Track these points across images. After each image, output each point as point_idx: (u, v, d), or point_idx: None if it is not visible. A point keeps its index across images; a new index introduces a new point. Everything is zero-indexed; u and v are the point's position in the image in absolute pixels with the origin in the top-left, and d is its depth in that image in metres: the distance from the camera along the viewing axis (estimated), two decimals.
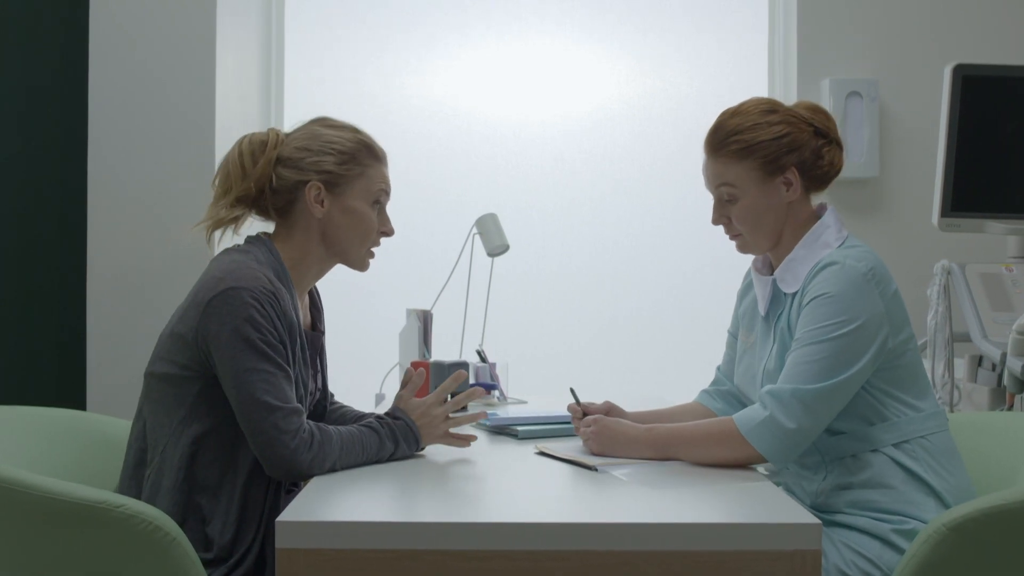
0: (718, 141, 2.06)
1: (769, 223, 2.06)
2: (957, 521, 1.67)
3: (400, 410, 2.03)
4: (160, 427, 1.95)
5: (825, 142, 2.06)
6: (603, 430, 2.04)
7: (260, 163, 2.04)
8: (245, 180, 2.04)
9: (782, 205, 2.05)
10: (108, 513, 1.67)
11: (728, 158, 2.04)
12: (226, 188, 2.05)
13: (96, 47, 3.45)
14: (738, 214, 2.05)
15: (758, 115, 2.05)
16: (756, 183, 2.03)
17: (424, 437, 2.02)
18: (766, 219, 2.05)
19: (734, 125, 2.05)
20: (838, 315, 1.91)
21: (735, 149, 2.03)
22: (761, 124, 2.03)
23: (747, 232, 2.07)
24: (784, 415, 1.89)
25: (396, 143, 3.80)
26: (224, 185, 2.06)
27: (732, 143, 2.04)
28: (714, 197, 2.10)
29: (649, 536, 1.51)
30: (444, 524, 1.54)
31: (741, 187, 2.04)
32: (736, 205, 2.05)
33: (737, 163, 2.04)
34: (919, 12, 3.71)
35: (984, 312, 2.83)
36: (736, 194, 2.05)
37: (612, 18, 3.92)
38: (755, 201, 2.04)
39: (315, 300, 2.22)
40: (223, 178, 2.07)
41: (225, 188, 2.06)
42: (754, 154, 2.03)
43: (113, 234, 3.44)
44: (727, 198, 2.06)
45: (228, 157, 2.07)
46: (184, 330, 1.93)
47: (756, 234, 2.07)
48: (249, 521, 1.92)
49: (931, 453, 1.96)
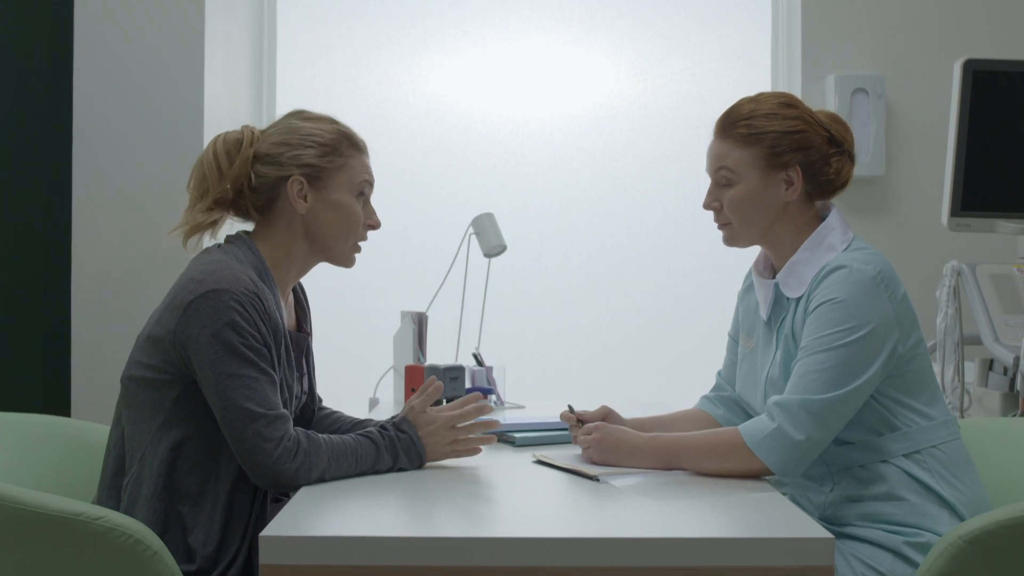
0: (728, 123, 2.04)
1: (760, 217, 2.02)
2: (974, 533, 1.64)
3: (408, 422, 1.97)
4: (138, 434, 1.92)
5: (837, 151, 2.03)
6: (604, 438, 2.01)
7: (237, 162, 2.01)
8: (222, 181, 2.01)
9: (779, 203, 2.02)
10: (86, 526, 1.63)
11: (734, 141, 2.02)
12: (202, 191, 2.02)
13: (81, 43, 3.43)
14: (731, 200, 2.03)
15: (775, 106, 2.03)
16: (757, 172, 2.01)
17: (429, 454, 1.97)
18: (758, 212, 2.02)
19: (748, 110, 2.03)
20: (846, 321, 1.88)
21: (743, 133, 2.01)
22: (776, 115, 2.01)
23: (736, 221, 2.04)
24: (792, 427, 1.86)
25: (391, 141, 3.87)
26: (200, 188, 2.02)
27: (742, 127, 2.02)
28: (712, 180, 2.08)
29: (653, 552, 1.48)
30: (437, 539, 1.52)
31: (740, 173, 2.01)
32: (731, 190, 2.03)
33: (742, 148, 2.01)
34: (927, 5, 3.71)
35: (995, 314, 2.82)
36: (733, 179, 2.02)
37: (612, 13, 3.92)
38: (751, 190, 2.01)
39: (300, 300, 2.19)
40: (199, 181, 2.03)
41: (201, 191, 2.02)
42: (761, 142, 2.00)
43: (99, 235, 3.43)
44: (724, 182, 2.04)
45: (203, 158, 2.04)
46: (162, 333, 1.90)
47: (744, 224, 2.03)
48: (234, 531, 1.88)
49: (943, 463, 1.93)
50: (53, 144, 3.49)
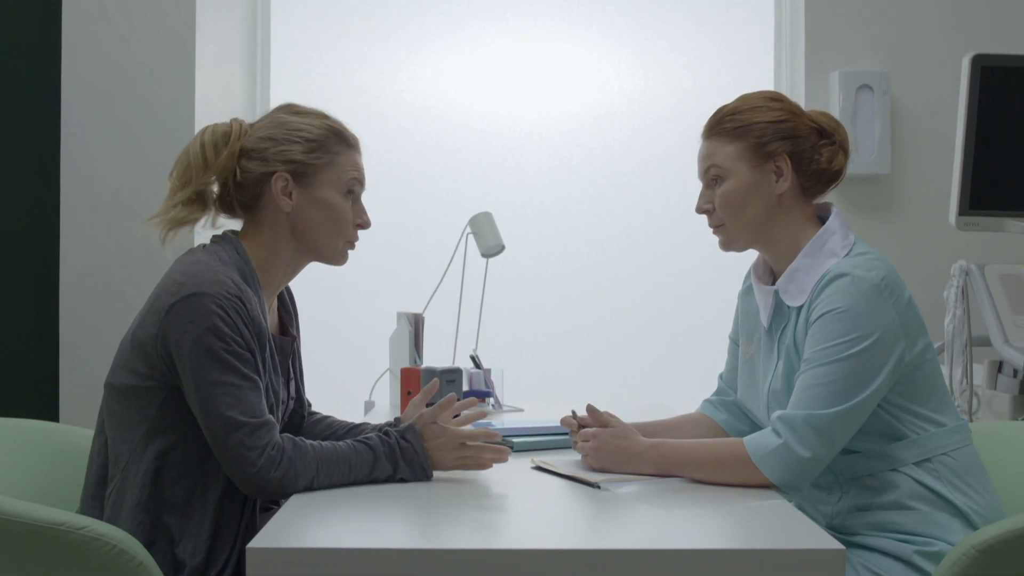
0: (715, 121, 2.04)
1: (753, 212, 1.99)
2: (988, 543, 1.62)
3: (414, 431, 1.91)
4: (121, 442, 1.88)
5: (827, 142, 2.02)
6: (603, 445, 1.98)
7: (223, 155, 1.97)
8: (206, 173, 1.97)
9: (771, 196, 1.99)
10: (68, 535, 1.61)
11: (720, 137, 2.01)
12: (185, 180, 1.98)
13: (70, 38, 3.40)
14: (722, 196, 2.00)
15: (760, 100, 2.03)
16: (745, 165, 1.99)
17: (434, 467, 1.91)
18: (751, 207, 1.99)
19: (733, 107, 2.03)
20: (850, 332, 1.85)
21: (729, 128, 2.00)
22: (761, 108, 2.01)
23: (728, 219, 2.01)
24: (798, 443, 1.83)
25: (387, 138, 3.84)
26: (183, 178, 1.98)
27: (727, 122, 2.01)
28: (703, 183, 2.06)
29: (657, 563, 1.46)
30: (432, 551, 1.49)
31: (729, 167, 2.00)
32: (721, 187, 2.01)
33: (729, 143, 2.00)
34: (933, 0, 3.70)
35: (1004, 315, 2.82)
36: (723, 174, 2.00)
37: (612, 9, 3.91)
38: (741, 184, 1.99)
39: (286, 303, 2.15)
40: (182, 170, 1.99)
41: (184, 180, 1.98)
42: (748, 135, 1.99)
43: (88, 235, 3.40)
44: (714, 180, 2.02)
45: (188, 148, 2.00)
46: (145, 337, 1.86)
47: (737, 221, 2.00)
48: (223, 541, 1.85)
49: (955, 471, 1.91)
50: (41, 142, 3.46)
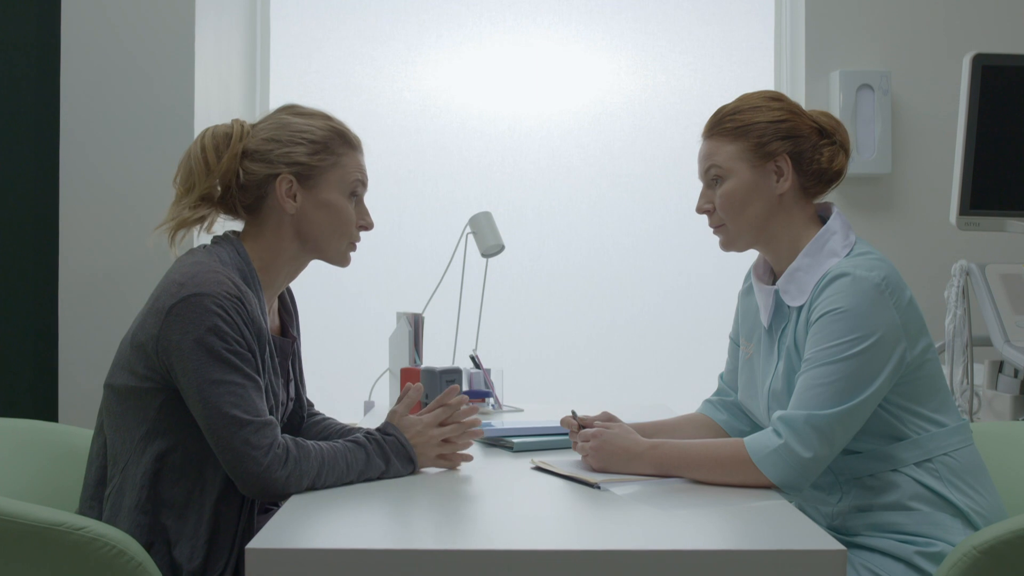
0: (715, 121, 2.04)
1: (753, 212, 1.99)
2: (989, 543, 1.61)
3: (392, 426, 1.96)
4: (121, 443, 1.87)
5: (828, 141, 2.01)
6: (603, 445, 1.97)
7: (225, 157, 1.97)
8: (209, 176, 1.97)
9: (771, 196, 1.99)
10: (67, 536, 1.61)
11: (721, 137, 2.01)
12: (188, 186, 1.98)
13: (69, 37, 3.39)
14: (722, 196, 2.00)
15: (760, 100, 2.03)
16: (746, 165, 1.98)
17: (419, 456, 1.95)
18: (751, 206, 1.98)
19: (734, 107, 2.03)
20: (851, 332, 1.85)
21: (730, 128, 2.00)
22: (761, 108, 2.00)
23: (729, 219, 2.01)
24: (799, 444, 1.83)
25: (386, 138, 3.83)
26: (187, 183, 1.98)
27: (728, 122, 2.01)
28: (703, 183, 2.05)
29: (657, 564, 1.44)
30: (431, 552, 1.47)
31: (729, 167, 1.99)
32: (722, 186, 2.00)
33: (730, 143, 2.00)
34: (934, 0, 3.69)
35: (1005, 315, 2.81)
36: (723, 174, 2.00)
37: (611, 8, 3.90)
38: (741, 184, 1.98)
39: (287, 304, 2.15)
40: (185, 175, 1.99)
41: (188, 186, 1.98)
42: (748, 135, 1.98)
43: (87, 235, 3.39)
44: (714, 180, 2.02)
45: (190, 152, 2.00)
46: (144, 338, 1.85)
47: (737, 222, 2.00)
48: (221, 543, 1.84)
49: (956, 471, 1.90)
50: (40, 142, 3.45)
